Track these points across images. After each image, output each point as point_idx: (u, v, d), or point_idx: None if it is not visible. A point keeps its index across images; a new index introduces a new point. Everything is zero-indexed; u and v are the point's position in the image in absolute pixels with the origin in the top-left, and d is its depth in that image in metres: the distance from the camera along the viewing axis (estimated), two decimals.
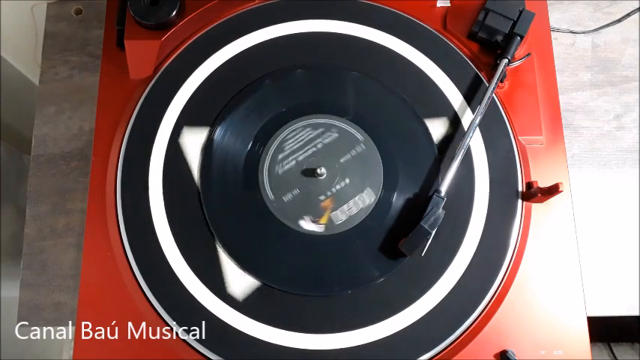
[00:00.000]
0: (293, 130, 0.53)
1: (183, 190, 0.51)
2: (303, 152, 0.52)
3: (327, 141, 0.53)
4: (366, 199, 0.51)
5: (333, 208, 0.50)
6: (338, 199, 0.51)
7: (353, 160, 0.52)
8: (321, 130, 0.53)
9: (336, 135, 0.53)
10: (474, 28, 0.56)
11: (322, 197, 0.51)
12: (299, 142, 0.53)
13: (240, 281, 0.49)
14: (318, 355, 0.47)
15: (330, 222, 0.50)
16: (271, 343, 0.47)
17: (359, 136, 0.53)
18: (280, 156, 0.52)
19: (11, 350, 0.73)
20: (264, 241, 0.50)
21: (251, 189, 0.51)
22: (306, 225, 0.50)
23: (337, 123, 0.53)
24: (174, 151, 0.52)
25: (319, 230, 0.50)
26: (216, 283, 0.49)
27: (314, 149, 0.52)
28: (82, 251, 0.50)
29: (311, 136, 0.53)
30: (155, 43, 0.55)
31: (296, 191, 0.51)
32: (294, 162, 0.52)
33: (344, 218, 0.50)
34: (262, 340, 0.47)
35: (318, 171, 0.50)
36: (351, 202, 0.51)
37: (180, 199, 0.51)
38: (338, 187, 0.51)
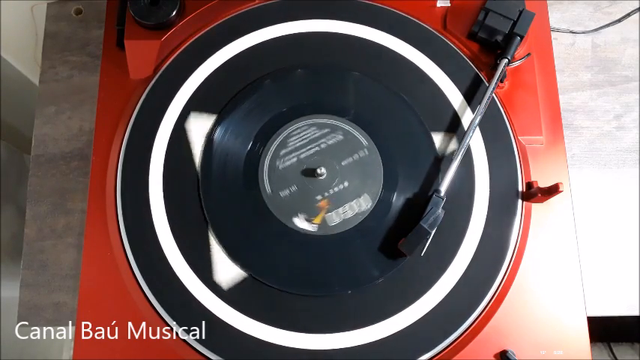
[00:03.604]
0: (297, 128, 0.53)
1: (183, 190, 0.51)
2: (306, 151, 0.52)
3: (330, 142, 0.53)
4: (362, 204, 0.51)
5: (329, 209, 0.50)
6: (335, 201, 0.51)
7: (354, 163, 0.52)
8: (326, 130, 0.53)
9: (341, 137, 0.53)
10: (474, 28, 0.56)
11: (319, 197, 0.51)
12: (302, 140, 0.53)
13: (239, 280, 0.49)
14: (317, 354, 0.47)
15: (323, 223, 0.50)
16: (271, 343, 0.47)
17: (363, 140, 0.53)
18: (282, 152, 0.52)
19: (11, 350, 0.73)
20: (264, 242, 0.50)
21: (251, 188, 0.51)
22: (300, 223, 0.50)
23: (342, 125, 0.53)
24: (175, 149, 0.52)
25: (312, 230, 0.50)
26: (216, 283, 0.49)
27: (317, 149, 0.52)
28: (82, 251, 0.50)
29: (315, 135, 0.53)
30: (155, 43, 0.55)
31: (294, 188, 0.51)
32: (295, 159, 0.52)
33: (338, 221, 0.50)
34: (262, 340, 0.47)
35: (318, 171, 0.50)
36: (347, 206, 0.51)
37: (180, 198, 0.51)
38: (336, 189, 0.51)
